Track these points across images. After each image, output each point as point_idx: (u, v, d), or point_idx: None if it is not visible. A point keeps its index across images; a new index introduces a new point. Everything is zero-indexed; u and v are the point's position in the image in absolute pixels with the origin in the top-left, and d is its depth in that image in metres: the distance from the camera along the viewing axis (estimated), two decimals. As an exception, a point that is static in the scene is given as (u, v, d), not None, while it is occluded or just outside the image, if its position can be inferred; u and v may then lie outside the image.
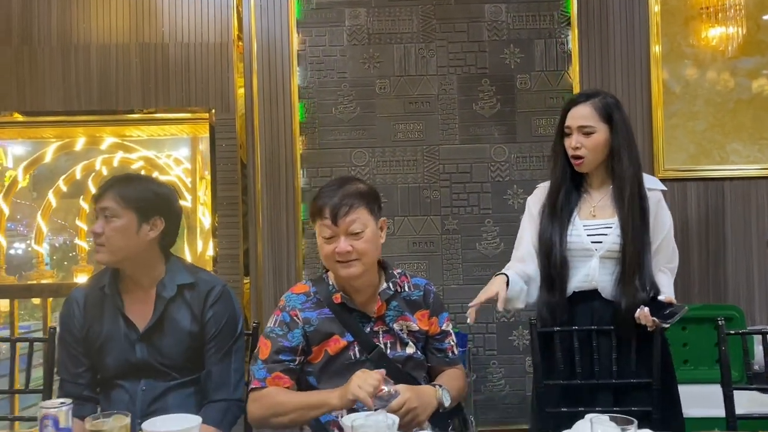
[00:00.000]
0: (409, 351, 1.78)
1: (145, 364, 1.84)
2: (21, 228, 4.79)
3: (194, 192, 4.05)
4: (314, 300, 1.79)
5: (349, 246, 1.69)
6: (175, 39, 3.35)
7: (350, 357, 1.74)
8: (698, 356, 3.12)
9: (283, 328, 1.75)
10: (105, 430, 1.39)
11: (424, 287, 1.87)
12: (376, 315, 1.77)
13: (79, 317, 1.87)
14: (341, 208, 1.68)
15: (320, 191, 1.77)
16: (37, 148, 4.17)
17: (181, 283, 1.87)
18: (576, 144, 1.96)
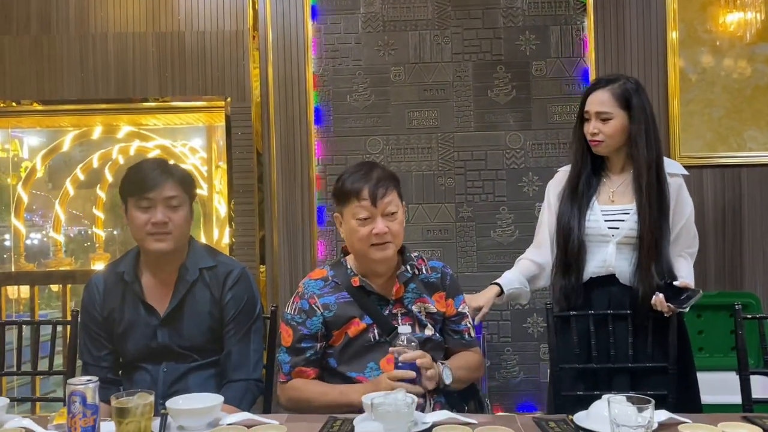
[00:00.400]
0: (428, 333, 1.79)
1: (165, 348, 1.86)
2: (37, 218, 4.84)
3: (210, 180, 4.08)
4: (332, 284, 1.80)
5: (386, 227, 1.71)
6: (191, 27, 3.37)
7: (369, 339, 1.76)
8: (714, 343, 3.12)
9: (302, 316, 1.77)
10: (130, 407, 1.42)
11: (441, 269, 1.88)
12: (394, 297, 1.79)
13: (100, 302, 1.89)
14: (379, 189, 1.70)
15: (349, 175, 1.76)
16: (53, 138, 4.22)
17: (202, 266, 1.90)
18: (594, 129, 1.97)
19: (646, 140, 1.94)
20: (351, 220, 1.74)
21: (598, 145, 1.98)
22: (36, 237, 4.76)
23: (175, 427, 1.49)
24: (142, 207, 1.80)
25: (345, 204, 1.75)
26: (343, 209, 1.76)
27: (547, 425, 1.48)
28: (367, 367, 1.74)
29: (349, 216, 1.74)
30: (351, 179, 1.74)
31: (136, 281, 1.88)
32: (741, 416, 1.51)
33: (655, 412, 1.39)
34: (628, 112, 1.95)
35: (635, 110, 1.95)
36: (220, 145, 3.91)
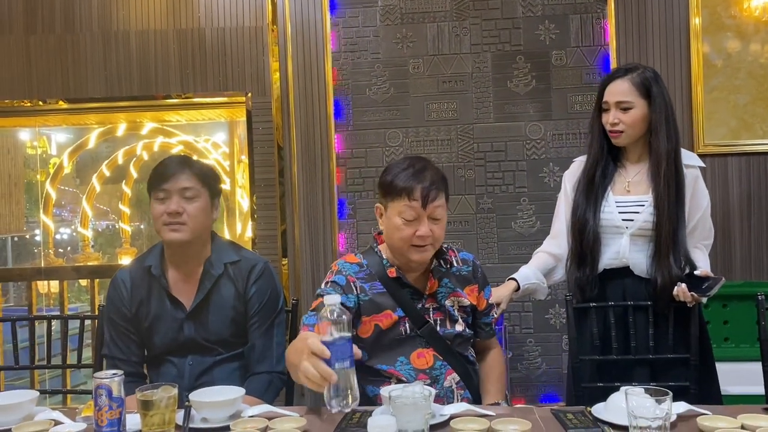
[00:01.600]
0: (458, 328, 1.78)
1: (191, 341, 1.90)
2: (66, 214, 4.94)
3: (233, 175, 4.12)
4: (367, 272, 1.77)
5: (430, 230, 1.68)
6: (211, 24, 3.41)
7: (401, 332, 1.74)
8: (739, 334, 3.08)
9: (338, 289, 1.72)
10: (154, 400, 1.45)
11: (472, 262, 1.88)
12: (428, 292, 1.78)
13: (127, 297, 1.93)
14: (431, 191, 1.66)
15: (401, 171, 1.70)
16: (79, 135, 4.29)
17: (227, 261, 1.93)
18: (614, 120, 1.95)
19: (666, 129, 1.92)
20: (396, 217, 1.69)
21: (618, 136, 1.96)
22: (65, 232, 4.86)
23: (199, 419, 1.53)
24: (159, 198, 1.86)
25: (392, 199, 1.70)
26: (389, 204, 1.71)
27: (565, 417, 1.48)
28: (398, 361, 1.73)
29: (395, 212, 1.70)
30: (403, 175, 1.68)
31: (162, 275, 1.91)
32: (762, 408, 1.50)
33: (673, 403, 1.39)
34: (648, 101, 1.93)
35: (655, 99, 1.93)
36: (241, 140, 3.95)
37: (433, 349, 1.74)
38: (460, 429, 1.37)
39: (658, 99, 1.93)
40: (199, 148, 4.16)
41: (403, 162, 1.73)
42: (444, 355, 1.74)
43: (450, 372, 1.74)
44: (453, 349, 1.77)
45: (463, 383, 1.75)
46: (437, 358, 1.74)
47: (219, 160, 4.20)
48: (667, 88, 1.98)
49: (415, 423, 1.34)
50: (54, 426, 1.51)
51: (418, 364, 1.72)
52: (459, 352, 1.78)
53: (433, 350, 1.74)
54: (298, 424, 1.44)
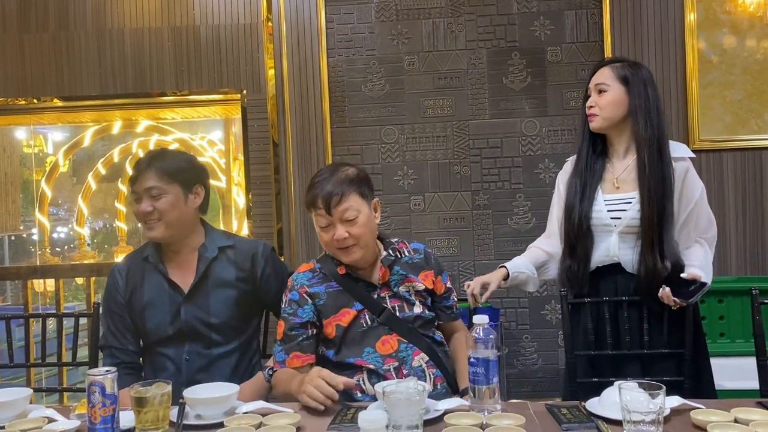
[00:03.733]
0: (416, 310, 1.83)
1: (189, 327, 1.92)
2: (62, 213, 4.93)
3: (228, 173, 4.11)
4: (320, 275, 1.84)
5: (345, 233, 1.75)
6: (205, 21, 3.40)
7: (362, 325, 1.79)
8: (735, 329, 3.09)
9: (293, 306, 1.81)
10: (148, 397, 1.45)
11: (423, 250, 1.94)
12: (381, 281, 1.83)
13: (123, 284, 1.98)
14: (333, 197, 1.74)
15: (312, 181, 1.81)
16: (75, 133, 4.28)
17: (221, 245, 1.99)
18: (591, 102, 1.98)
19: (647, 117, 1.92)
20: (316, 226, 1.81)
21: (593, 119, 1.97)
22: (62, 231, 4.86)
23: (193, 416, 1.53)
24: (134, 200, 1.94)
25: (310, 211, 1.82)
26: (311, 215, 1.83)
27: (559, 412, 1.48)
28: (365, 352, 1.77)
29: (315, 222, 1.81)
30: (311, 186, 1.80)
31: (160, 262, 1.97)
32: (756, 402, 1.50)
33: (667, 398, 1.39)
34: (625, 86, 1.94)
35: (633, 86, 1.93)
36: (237, 138, 3.94)
37: (397, 334, 1.79)
38: (454, 424, 1.37)
39: (636, 86, 1.93)
40: (194, 145, 4.15)
41: (317, 172, 1.84)
42: (408, 337, 1.80)
43: (417, 353, 1.78)
44: (416, 330, 1.82)
45: (432, 362, 1.79)
46: (401, 342, 1.79)
47: (215, 157, 4.19)
48: (655, 85, 1.97)
49: (409, 418, 1.34)
50: (48, 423, 1.51)
51: (383, 350, 1.77)
52: (422, 333, 1.83)
53: (396, 335, 1.79)
54: (292, 420, 1.44)
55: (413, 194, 3.35)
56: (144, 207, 1.90)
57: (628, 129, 1.97)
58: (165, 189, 1.90)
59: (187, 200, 1.95)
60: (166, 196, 1.90)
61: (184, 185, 1.94)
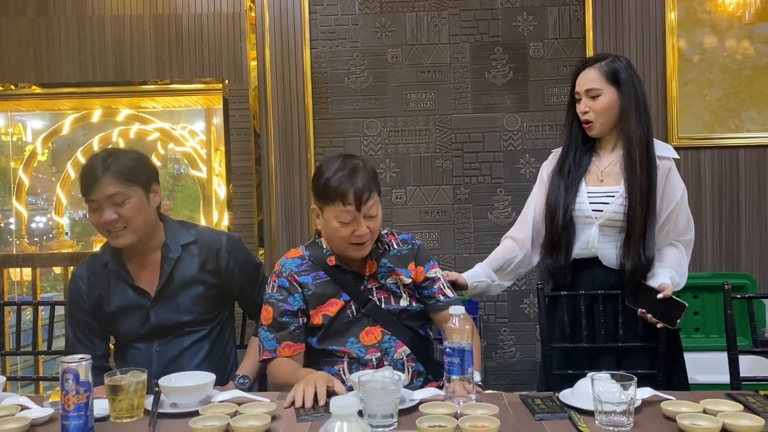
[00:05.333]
0: (403, 303, 1.83)
1: (159, 327, 1.89)
2: (41, 202, 4.86)
3: (209, 163, 4.09)
4: (309, 263, 1.83)
5: (367, 228, 1.73)
6: (188, 10, 3.37)
7: (348, 315, 1.80)
8: (709, 325, 3.14)
9: (282, 293, 1.79)
10: (123, 385, 1.45)
11: (410, 240, 1.93)
12: (368, 273, 1.82)
13: (86, 291, 1.90)
14: (365, 193, 1.70)
15: (333, 174, 1.71)
16: (54, 121, 4.22)
17: (184, 242, 1.92)
18: (584, 108, 1.96)
19: (637, 115, 1.93)
20: (333, 220, 1.73)
21: (591, 127, 1.97)
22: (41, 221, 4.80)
23: (168, 405, 1.52)
24: (92, 208, 1.80)
25: (327, 204, 1.73)
26: (325, 207, 1.74)
27: (533, 402, 1.50)
28: (348, 342, 1.78)
29: (331, 216, 1.73)
30: (336, 180, 1.71)
31: (122, 268, 1.89)
32: (725, 393, 1.53)
33: (638, 389, 1.42)
34: (616, 87, 1.94)
35: (624, 85, 1.93)
36: (218, 128, 3.92)
37: (380, 326, 1.79)
38: (429, 413, 1.38)
39: (626, 85, 1.94)
40: (175, 135, 4.12)
41: (333, 162, 1.75)
42: (392, 329, 1.80)
43: (400, 345, 1.79)
44: (400, 323, 1.82)
45: (414, 356, 1.79)
46: (385, 333, 1.79)
47: (196, 148, 4.16)
48: (640, 78, 1.99)
49: (384, 407, 1.35)
50: (21, 411, 1.50)
51: (366, 340, 1.78)
52: (408, 326, 1.82)
53: (380, 326, 1.79)
54: (267, 408, 1.44)
55: (395, 187, 3.36)
56: (108, 216, 1.76)
57: (618, 126, 1.98)
58: (128, 193, 1.78)
59: (150, 201, 1.85)
60: (130, 200, 1.78)
61: (144, 186, 1.83)
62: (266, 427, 1.36)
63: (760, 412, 1.38)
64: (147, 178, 1.85)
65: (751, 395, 1.51)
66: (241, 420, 1.38)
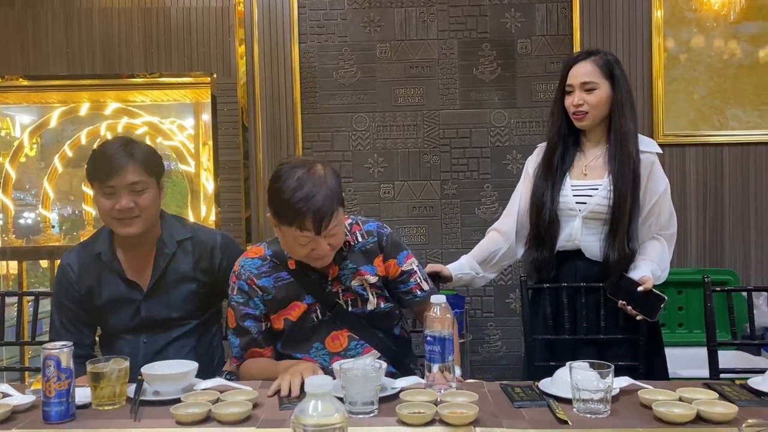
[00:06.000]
0: (370, 306, 1.74)
1: (149, 320, 1.89)
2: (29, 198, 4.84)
3: (197, 158, 4.08)
4: (270, 264, 1.74)
5: (328, 245, 1.61)
6: (176, 3, 3.36)
7: (312, 319, 1.72)
8: (692, 320, 3.17)
9: (243, 296, 1.73)
10: (105, 372, 1.45)
11: (376, 232, 1.78)
12: (331, 277, 1.73)
13: (76, 280, 1.89)
14: (324, 219, 1.56)
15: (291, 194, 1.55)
16: (41, 114, 4.20)
17: (179, 238, 1.92)
18: (578, 101, 1.97)
19: (629, 112, 1.96)
20: (290, 240, 1.61)
21: (582, 117, 1.98)
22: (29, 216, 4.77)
23: (151, 393, 1.52)
24: (106, 194, 1.78)
25: (283, 224, 1.59)
26: (282, 226, 1.61)
27: (513, 391, 1.52)
28: (313, 347, 1.73)
29: (289, 236, 1.61)
30: (293, 201, 1.55)
31: (114, 260, 1.88)
32: (702, 383, 1.55)
33: (616, 378, 1.44)
34: (611, 82, 1.97)
35: (618, 80, 1.97)
36: (207, 122, 3.91)
37: (348, 330, 1.73)
38: (409, 400, 1.39)
39: (621, 80, 1.97)
40: (164, 129, 4.11)
41: (291, 176, 1.58)
42: (359, 333, 1.73)
43: (368, 350, 1.72)
44: (369, 326, 1.74)
45: (385, 358, 1.70)
46: (352, 338, 1.73)
47: (184, 142, 4.15)
48: (627, 75, 2.02)
49: (365, 394, 1.36)
50: (2, 398, 1.50)
51: (332, 347, 1.72)
52: (379, 328, 1.75)
53: (347, 330, 1.73)
54: (249, 396, 1.45)
55: (383, 182, 3.37)
56: (125, 203, 1.76)
57: (605, 120, 2.00)
58: (148, 183, 1.80)
59: (161, 194, 1.87)
60: (149, 190, 1.80)
61: (159, 179, 1.86)
62: (247, 414, 1.37)
63: (735, 400, 1.40)
64: (161, 172, 1.88)
65: (727, 384, 1.54)
66: (222, 407, 1.38)
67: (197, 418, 1.36)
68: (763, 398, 1.44)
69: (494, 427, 1.31)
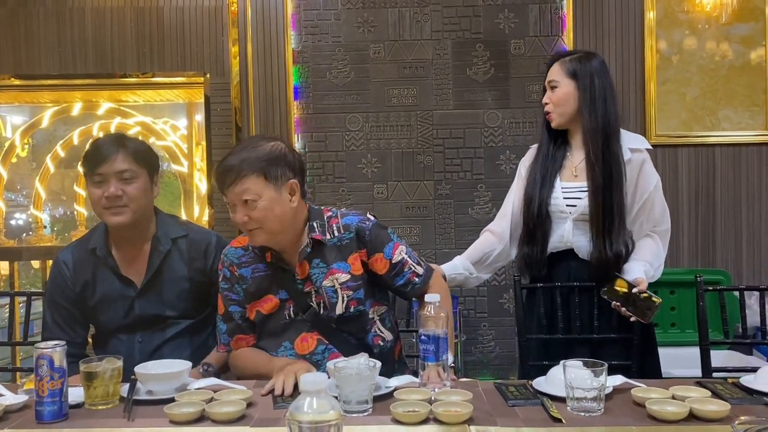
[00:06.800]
0: (338, 311, 1.69)
1: (142, 318, 1.89)
2: (21, 198, 4.82)
3: (190, 158, 4.07)
4: (251, 255, 1.75)
5: (245, 216, 1.61)
6: (169, 2, 3.36)
7: (285, 317, 1.72)
8: (685, 320, 3.18)
9: (227, 283, 1.77)
10: (98, 372, 1.45)
11: (355, 227, 1.73)
12: (301, 276, 1.71)
13: (71, 277, 1.89)
14: (227, 177, 1.60)
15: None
16: (33, 114, 4.18)
17: (175, 236, 1.92)
18: (545, 100, 2.03)
19: (592, 108, 1.96)
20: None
21: (551, 117, 2.03)
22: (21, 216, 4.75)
23: (144, 392, 1.52)
24: (96, 182, 1.80)
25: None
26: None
27: (506, 389, 1.52)
28: (282, 346, 1.72)
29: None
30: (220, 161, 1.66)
31: (109, 256, 1.89)
32: (695, 381, 1.56)
33: (610, 377, 1.44)
34: (574, 80, 1.98)
35: (581, 79, 1.97)
36: (200, 122, 3.90)
37: (318, 333, 1.70)
38: (403, 399, 1.39)
39: (583, 79, 1.97)
40: (156, 129, 4.09)
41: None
42: (330, 338, 1.70)
43: (335, 355, 1.66)
44: (338, 331, 1.71)
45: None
46: (321, 342, 1.70)
47: (177, 142, 4.14)
48: (607, 75, 2.01)
49: (359, 393, 1.36)
50: (-6, 398, 1.49)
51: (300, 348, 1.70)
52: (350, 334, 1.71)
53: (318, 334, 1.70)
54: (243, 395, 1.45)
55: (377, 182, 3.37)
56: (114, 190, 1.78)
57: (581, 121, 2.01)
58: (137, 172, 1.81)
59: (152, 188, 1.88)
60: (138, 180, 1.82)
61: (151, 172, 1.87)
62: (241, 413, 1.37)
63: (727, 398, 1.41)
64: (153, 167, 1.89)
65: (720, 383, 1.54)
66: (216, 406, 1.38)
67: (191, 417, 1.35)
68: (755, 396, 1.45)
69: (488, 426, 1.31)
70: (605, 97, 1.97)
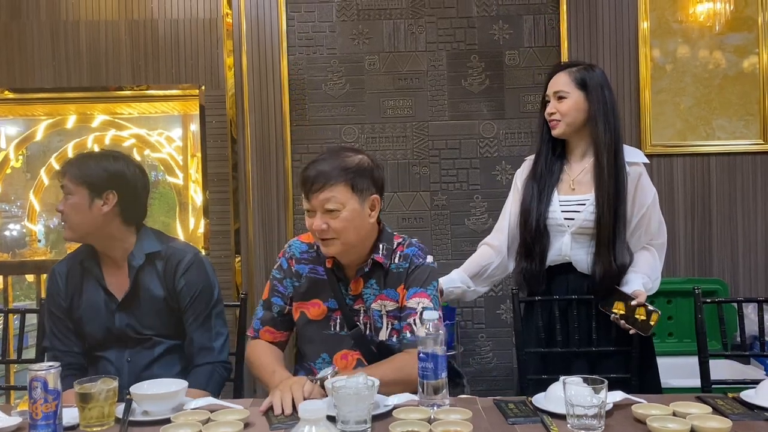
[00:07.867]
0: (382, 336, 1.69)
1: (125, 334, 1.88)
2: (15, 210, 4.79)
3: (186, 170, 4.06)
4: (314, 254, 1.75)
5: (324, 223, 1.61)
6: (164, 15, 3.35)
7: (330, 327, 1.72)
8: (682, 329, 3.18)
9: (281, 273, 1.79)
10: (93, 393, 1.43)
11: (410, 258, 1.71)
12: (353, 293, 1.72)
13: (63, 287, 1.93)
14: (315, 184, 1.60)
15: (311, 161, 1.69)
16: (28, 127, 4.17)
17: (149, 251, 1.90)
18: (551, 110, 2.01)
19: (605, 121, 1.96)
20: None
21: (555, 126, 2.01)
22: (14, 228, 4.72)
23: (140, 413, 1.50)
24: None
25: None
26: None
27: (506, 407, 1.51)
28: (320, 357, 1.72)
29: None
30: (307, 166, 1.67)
31: (96, 267, 1.92)
32: (695, 396, 1.55)
33: (610, 392, 1.43)
34: (584, 92, 1.98)
35: (591, 90, 1.97)
36: (195, 134, 3.90)
37: (360, 353, 1.69)
38: (402, 418, 1.38)
39: (594, 91, 1.97)
40: (151, 141, 4.08)
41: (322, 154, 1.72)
42: (369, 360, 1.69)
43: None
44: (380, 356, 1.68)
45: None
46: (361, 363, 1.69)
47: (173, 154, 4.13)
48: (611, 89, 2.02)
49: (357, 413, 1.35)
50: (-12, 420, 1.47)
51: (339, 364, 1.70)
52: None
53: (359, 354, 1.70)
54: (240, 415, 1.43)
55: (372, 194, 3.35)
56: (58, 205, 1.88)
57: (587, 132, 2.01)
58: (71, 190, 1.85)
59: (93, 205, 1.84)
60: (71, 197, 1.85)
61: (92, 190, 1.84)
62: (239, 433, 1.35)
63: (728, 413, 1.40)
64: (98, 185, 1.85)
65: (720, 398, 1.54)
66: (213, 427, 1.37)
67: (188, 438, 1.33)
68: (755, 411, 1.44)
69: (488, 445, 1.30)
70: (614, 110, 1.98)
